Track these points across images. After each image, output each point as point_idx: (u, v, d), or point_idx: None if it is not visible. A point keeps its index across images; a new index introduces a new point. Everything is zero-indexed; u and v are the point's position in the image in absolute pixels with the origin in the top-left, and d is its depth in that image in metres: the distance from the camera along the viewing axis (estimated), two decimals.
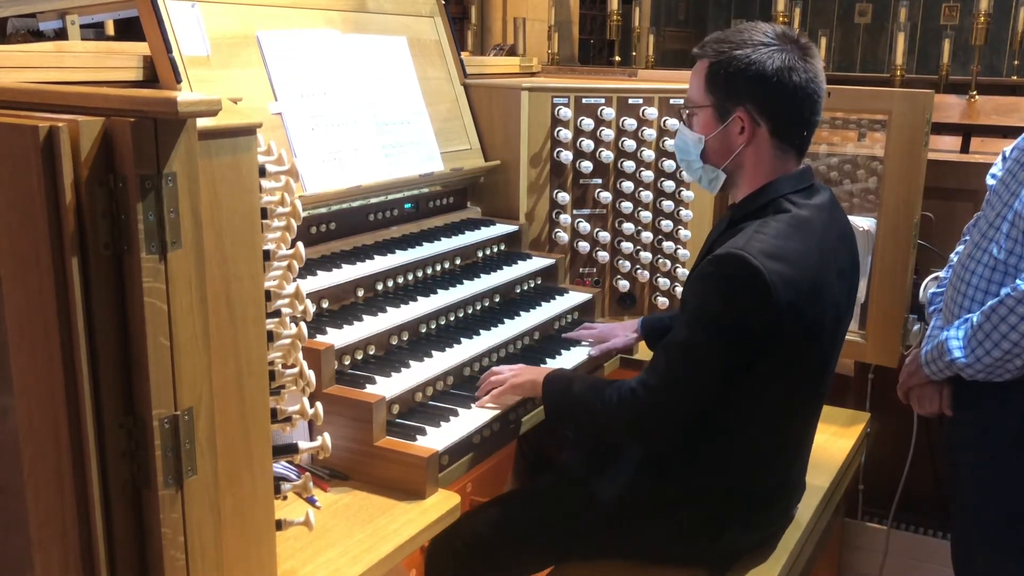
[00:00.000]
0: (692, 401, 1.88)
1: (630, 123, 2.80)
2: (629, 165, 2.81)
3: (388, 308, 2.14)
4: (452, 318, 2.31)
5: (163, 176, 1.14)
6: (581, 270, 2.86)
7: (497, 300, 2.49)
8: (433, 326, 2.25)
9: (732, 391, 1.87)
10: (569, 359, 2.34)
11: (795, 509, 2.20)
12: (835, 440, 2.65)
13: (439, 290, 2.30)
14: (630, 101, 2.80)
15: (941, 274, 2.47)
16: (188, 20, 2.05)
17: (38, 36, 3.65)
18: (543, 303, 2.53)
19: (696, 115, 2.00)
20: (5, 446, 1.26)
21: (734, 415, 1.92)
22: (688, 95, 2.02)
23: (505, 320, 2.36)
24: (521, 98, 2.72)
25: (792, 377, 1.91)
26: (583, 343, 2.44)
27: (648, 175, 2.81)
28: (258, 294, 1.37)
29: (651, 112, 2.81)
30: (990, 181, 2.24)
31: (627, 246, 2.86)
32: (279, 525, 1.50)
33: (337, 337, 1.96)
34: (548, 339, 2.46)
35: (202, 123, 1.20)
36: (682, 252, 2.93)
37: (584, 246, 2.83)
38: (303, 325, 1.49)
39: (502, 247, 2.70)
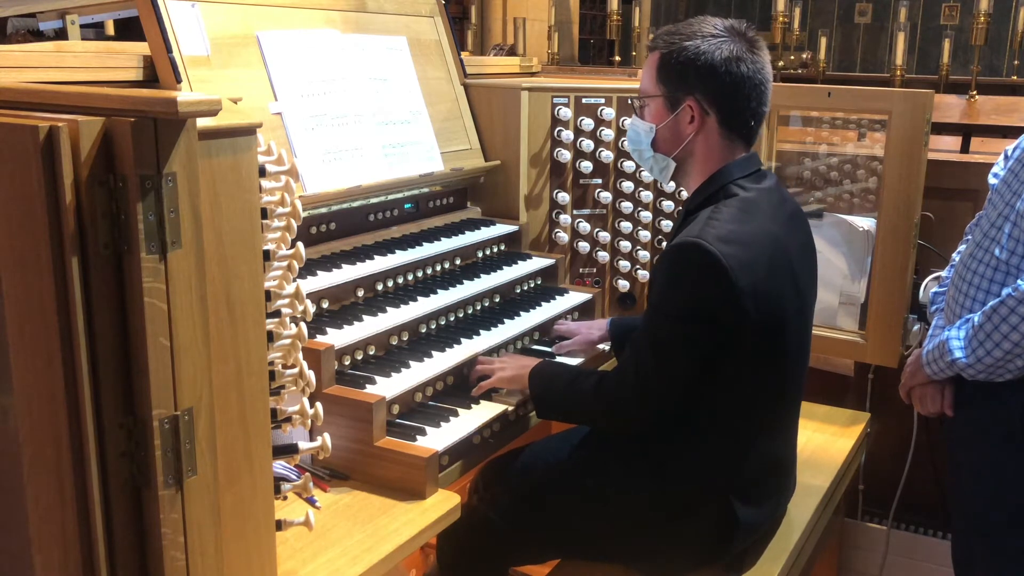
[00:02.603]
0: (662, 390, 1.90)
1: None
2: (629, 165, 2.81)
3: (388, 308, 2.14)
4: (452, 318, 2.31)
5: (163, 176, 1.14)
6: (581, 270, 2.86)
7: (497, 300, 2.48)
8: (433, 326, 2.25)
9: (708, 379, 1.88)
10: (569, 361, 2.34)
11: (787, 501, 2.19)
12: (835, 440, 2.65)
13: (439, 290, 2.30)
14: (630, 101, 2.80)
15: (943, 274, 2.47)
16: (188, 20, 2.04)
17: (38, 36, 3.66)
18: (543, 303, 2.53)
19: (647, 105, 2.07)
20: (5, 446, 1.26)
21: (715, 404, 1.92)
22: (640, 86, 2.09)
23: (505, 320, 2.36)
24: (521, 98, 2.72)
25: (765, 358, 1.91)
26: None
27: (648, 175, 2.80)
28: (258, 294, 1.37)
29: None
30: (992, 180, 2.24)
31: (627, 246, 2.86)
32: (279, 525, 1.50)
33: (337, 337, 1.96)
34: (548, 339, 2.46)
35: (202, 123, 1.20)
36: None
37: (584, 246, 2.83)
38: (303, 325, 1.49)
39: (502, 247, 2.70)
